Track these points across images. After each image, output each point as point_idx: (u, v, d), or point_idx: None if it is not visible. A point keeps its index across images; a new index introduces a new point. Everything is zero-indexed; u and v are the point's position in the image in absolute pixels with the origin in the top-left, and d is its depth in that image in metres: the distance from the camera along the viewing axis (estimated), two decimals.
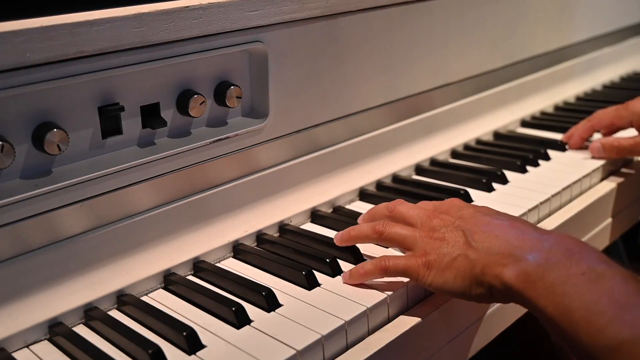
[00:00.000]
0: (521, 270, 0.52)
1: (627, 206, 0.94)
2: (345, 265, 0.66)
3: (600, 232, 0.89)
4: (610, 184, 0.89)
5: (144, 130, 0.65)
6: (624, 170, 0.94)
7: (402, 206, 0.66)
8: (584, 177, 0.87)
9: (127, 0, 0.59)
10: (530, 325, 0.86)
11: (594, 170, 0.89)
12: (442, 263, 0.57)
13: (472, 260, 0.56)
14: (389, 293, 0.60)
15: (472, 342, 0.68)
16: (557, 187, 0.83)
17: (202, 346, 0.54)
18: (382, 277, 0.61)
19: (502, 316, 0.72)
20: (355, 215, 0.76)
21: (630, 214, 0.95)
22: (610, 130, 0.97)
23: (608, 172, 0.93)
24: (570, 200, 0.85)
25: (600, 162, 0.91)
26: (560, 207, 0.83)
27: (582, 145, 0.97)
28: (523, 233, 0.56)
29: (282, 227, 0.74)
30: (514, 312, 0.74)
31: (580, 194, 0.87)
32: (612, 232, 0.92)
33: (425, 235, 0.60)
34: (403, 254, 0.63)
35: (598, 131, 0.98)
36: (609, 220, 0.90)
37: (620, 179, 0.91)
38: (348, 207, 0.80)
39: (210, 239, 0.69)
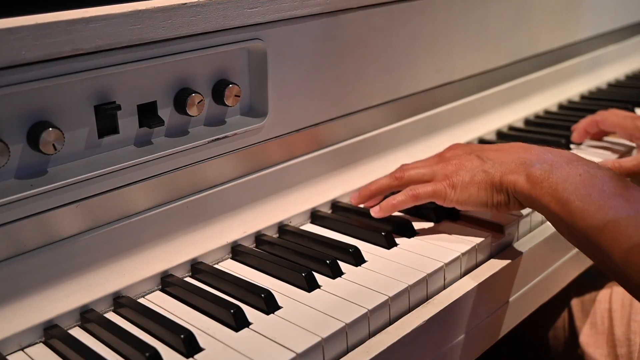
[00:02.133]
0: (530, 174, 0.64)
1: None
2: (345, 266, 0.66)
3: None
4: None
5: (141, 129, 0.65)
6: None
7: (407, 164, 0.76)
8: None
9: None
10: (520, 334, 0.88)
11: None
12: (464, 181, 0.68)
13: (491, 173, 0.67)
14: (390, 295, 0.60)
15: (474, 343, 0.68)
16: None
17: (200, 349, 0.54)
18: (413, 204, 0.71)
19: (507, 316, 0.72)
20: (356, 214, 0.76)
21: None
22: (604, 134, 0.99)
23: None
24: None
25: (608, 160, 0.91)
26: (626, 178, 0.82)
27: (585, 138, 0.99)
28: (529, 148, 0.68)
29: (282, 228, 0.74)
30: (515, 315, 0.74)
31: None
32: None
33: (443, 165, 0.71)
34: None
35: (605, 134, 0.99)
36: None
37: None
38: (349, 207, 0.80)
39: (208, 240, 0.69)
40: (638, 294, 0.55)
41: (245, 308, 0.58)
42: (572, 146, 0.99)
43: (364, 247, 0.70)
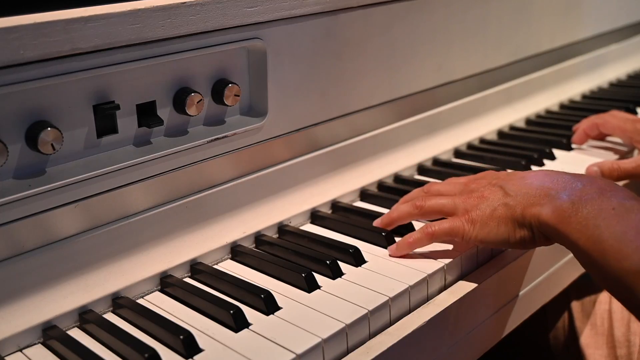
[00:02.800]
0: (556, 207, 0.58)
1: None
2: (345, 267, 0.66)
3: None
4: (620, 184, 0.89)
5: (140, 129, 0.65)
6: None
7: (436, 184, 0.73)
8: None
9: None
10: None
11: None
12: (484, 216, 0.63)
13: (512, 206, 0.62)
14: (390, 295, 0.60)
15: (475, 344, 0.68)
16: None
17: (199, 350, 0.54)
18: (430, 243, 0.67)
19: (508, 317, 0.72)
20: (356, 215, 0.76)
21: None
22: (604, 136, 0.99)
23: None
24: None
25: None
26: None
27: (586, 140, 0.98)
28: (556, 177, 0.62)
29: (281, 228, 0.74)
30: (517, 316, 0.74)
31: None
32: None
33: (465, 198, 0.66)
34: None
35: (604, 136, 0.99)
36: None
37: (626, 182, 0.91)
38: (349, 208, 0.80)
39: (207, 240, 0.69)
40: None
41: (244, 309, 0.58)
42: (573, 146, 0.99)
43: (364, 247, 0.70)
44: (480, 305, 0.67)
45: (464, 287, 0.65)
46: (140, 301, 0.62)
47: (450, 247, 0.68)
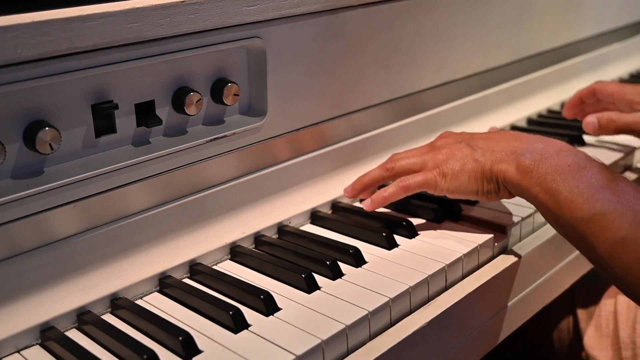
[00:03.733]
0: (520, 164, 0.65)
1: None
2: (345, 268, 0.66)
3: None
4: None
5: (139, 128, 0.65)
6: (629, 174, 0.94)
7: (398, 153, 0.76)
8: None
9: None
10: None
11: None
12: (454, 170, 0.69)
13: (481, 162, 0.68)
14: (391, 296, 0.60)
15: (476, 345, 0.68)
16: None
17: (198, 351, 0.54)
18: (404, 196, 0.72)
19: (510, 318, 0.72)
20: (356, 215, 0.76)
21: None
22: (599, 106, 0.96)
23: (621, 169, 0.93)
24: None
25: (611, 160, 0.91)
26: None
27: (579, 108, 0.97)
28: (520, 137, 0.69)
29: (281, 229, 0.74)
30: (519, 317, 0.74)
31: None
32: None
33: (433, 154, 0.71)
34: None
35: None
36: None
37: (633, 176, 0.91)
38: (349, 208, 0.80)
39: (206, 241, 0.69)
40: (621, 286, 0.57)
41: (244, 310, 0.58)
42: (575, 146, 0.99)
43: (365, 247, 0.70)
44: (482, 306, 0.67)
45: (465, 288, 0.65)
46: (139, 302, 0.62)
47: (450, 247, 0.68)
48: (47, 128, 0.56)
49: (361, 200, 0.79)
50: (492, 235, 0.71)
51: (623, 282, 0.56)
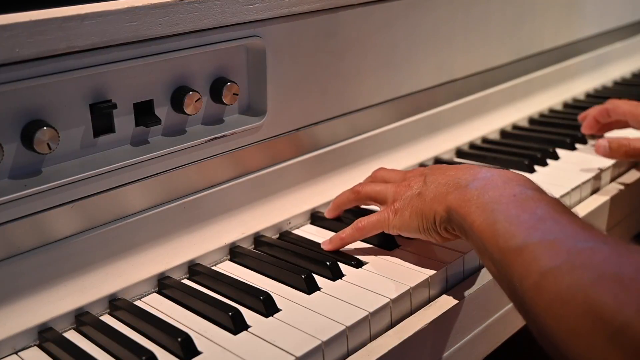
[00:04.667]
0: (461, 193, 0.59)
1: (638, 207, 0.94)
2: (346, 269, 0.66)
3: (613, 230, 0.89)
4: (619, 186, 0.89)
5: (137, 128, 0.65)
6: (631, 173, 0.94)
7: (384, 170, 0.75)
8: (594, 177, 0.87)
9: None
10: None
11: (604, 170, 0.89)
12: (403, 206, 0.65)
13: (424, 195, 0.63)
14: (391, 297, 0.60)
15: (478, 346, 0.68)
16: (567, 188, 0.83)
17: (197, 352, 0.54)
18: (361, 238, 0.69)
19: (509, 321, 0.72)
20: (357, 215, 0.76)
21: None
22: (614, 125, 0.97)
23: (619, 173, 0.93)
24: (580, 201, 0.85)
25: (612, 162, 0.91)
26: (570, 208, 0.83)
27: (596, 127, 0.98)
28: (472, 169, 0.62)
29: (281, 229, 0.74)
30: (517, 320, 0.74)
31: (591, 194, 0.87)
32: (631, 225, 0.92)
33: (396, 186, 0.68)
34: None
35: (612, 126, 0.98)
36: (622, 220, 0.90)
37: (635, 177, 0.91)
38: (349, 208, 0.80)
39: (206, 241, 0.69)
40: (539, 328, 0.48)
41: (243, 311, 0.58)
42: (577, 146, 0.99)
43: (365, 248, 0.69)
44: (483, 307, 0.67)
45: (466, 289, 0.65)
46: (138, 303, 0.62)
47: (451, 248, 0.68)
48: (45, 128, 0.56)
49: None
50: None
51: (545, 317, 0.46)
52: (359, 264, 0.66)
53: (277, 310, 0.59)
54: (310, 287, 0.62)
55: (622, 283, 0.42)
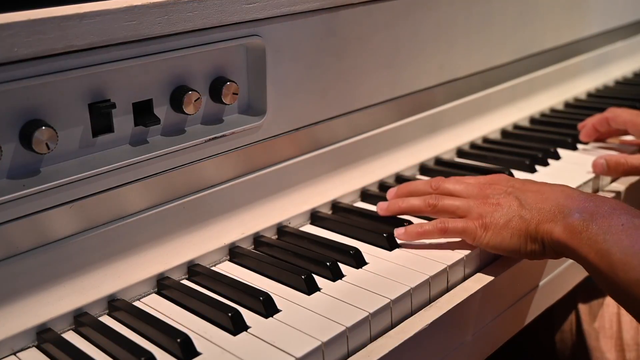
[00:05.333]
0: (568, 224, 0.61)
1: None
2: (346, 269, 0.66)
3: None
4: (620, 186, 0.89)
5: (136, 128, 0.65)
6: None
7: (447, 183, 0.74)
8: (595, 177, 0.87)
9: None
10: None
11: None
12: (498, 224, 0.66)
13: (527, 219, 0.64)
14: (392, 298, 0.60)
15: (478, 347, 0.68)
16: None
17: (197, 353, 0.54)
18: (439, 238, 0.69)
19: (510, 322, 0.72)
20: (357, 215, 0.76)
21: None
22: (614, 133, 0.98)
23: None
24: None
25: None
26: None
27: (595, 135, 0.98)
28: (571, 195, 0.65)
29: (281, 229, 0.74)
30: (521, 318, 0.74)
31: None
32: None
33: (480, 203, 0.68)
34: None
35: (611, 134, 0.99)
36: None
37: (635, 178, 0.91)
38: (349, 208, 0.80)
39: (205, 242, 0.69)
40: None
41: (243, 311, 0.58)
42: (579, 146, 0.99)
43: (365, 248, 0.70)
44: (484, 308, 0.67)
45: (467, 289, 0.65)
46: (137, 303, 0.62)
47: (452, 248, 0.68)
48: (43, 127, 0.56)
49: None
50: None
51: None
52: (359, 265, 0.66)
53: (277, 310, 0.59)
54: (310, 288, 0.62)
55: None
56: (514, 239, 0.65)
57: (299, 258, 0.67)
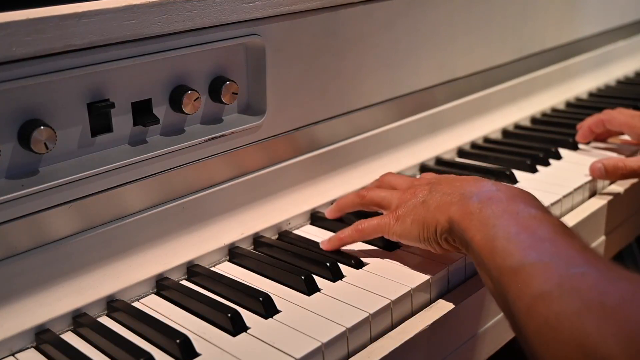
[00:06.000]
0: (464, 205, 0.59)
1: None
2: (346, 269, 0.66)
3: (618, 231, 0.89)
4: (619, 188, 0.89)
5: (136, 127, 0.65)
6: None
7: (392, 175, 0.75)
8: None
9: None
10: None
11: None
12: (406, 213, 0.65)
13: (428, 204, 0.63)
14: (392, 299, 0.60)
15: (480, 347, 0.68)
16: (569, 188, 0.83)
17: (196, 354, 0.54)
18: (360, 240, 0.69)
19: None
20: (358, 217, 0.76)
21: None
22: (610, 134, 0.99)
23: None
24: (583, 202, 0.85)
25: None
26: (572, 209, 0.83)
27: (591, 137, 0.98)
28: (479, 182, 0.62)
29: (281, 230, 0.74)
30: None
31: (594, 194, 0.87)
32: (631, 229, 0.92)
33: (401, 194, 0.68)
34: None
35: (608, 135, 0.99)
36: (625, 220, 0.90)
37: (632, 180, 0.91)
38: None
39: (204, 242, 0.69)
40: (529, 350, 0.48)
41: (242, 312, 0.58)
42: (580, 146, 0.99)
43: (366, 249, 0.70)
44: (485, 308, 0.67)
45: (467, 290, 0.65)
46: (136, 304, 0.62)
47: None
48: (42, 127, 0.56)
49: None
50: None
51: (534, 341, 0.47)
52: (359, 265, 0.66)
53: (277, 311, 0.59)
54: (310, 288, 0.62)
55: (606, 312, 0.43)
56: (413, 225, 0.63)
57: (299, 258, 0.67)
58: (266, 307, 0.59)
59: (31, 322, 0.57)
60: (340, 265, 0.66)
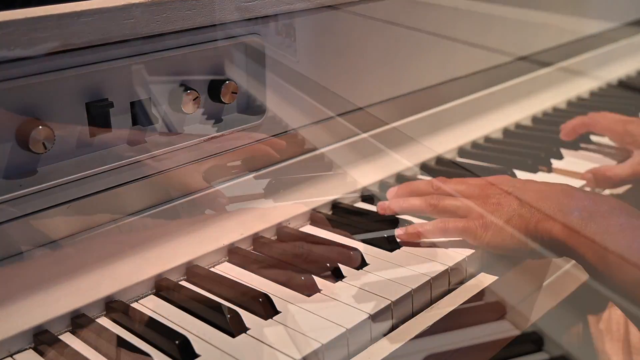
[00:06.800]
0: (567, 223, 0.62)
1: None
2: (346, 270, 0.66)
3: None
4: (618, 192, 0.89)
5: (134, 127, 0.65)
6: None
7: (448, 183, 0.75)
8: None
9: None
10: None
11: None
12: (498, 224, 0.66)
13: (526, 218, 0.65)
14: (393, 299, 0.60)
15: (481, 348, 0.68)
16: None
17: (195, 355, 0.54)
18: (440, 238, 0.70)
19: (516, 321, 0.72)
20: (357, 215, 0.76)
21: None
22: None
23: None
24: None
25: (615, 162, 0.91)
26: None
27: (574, 137, 0.98)
28: (571, 193, 0.66)
29: (280, 230, 0.74)
30: (525, 319, 0.74)
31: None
32: None
33: (481, 202, 0.69)
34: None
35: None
36: None
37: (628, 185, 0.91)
38: (350, 209, 0.80)
39: (204, 242, 0.69)
40: None
41: (242, 313, 0.58)
42: (582, 145, 0.99)
43: (366, 249, 0.70)
44: (486, 309, 0.67)
45: (468, 291, 0.65)
46: (135, 305, 0.62)
47: (453, 248, 0.68)
48: (40, 127, 0.56)
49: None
50: None
51: None
52: (359, 265, 0.66)
53: (277, 312, 0.59)
54: (310, 289, 0.62)
55: None
56: (514, 238, 0.65)
57: (299, 259, 0.67)
58: (266, 308, 0.59)
59: (29, 323, 0.57)
60: (341, 265, 0.66)
